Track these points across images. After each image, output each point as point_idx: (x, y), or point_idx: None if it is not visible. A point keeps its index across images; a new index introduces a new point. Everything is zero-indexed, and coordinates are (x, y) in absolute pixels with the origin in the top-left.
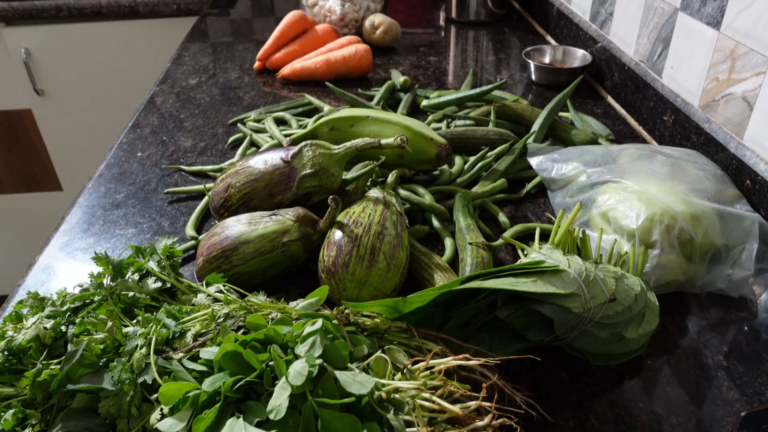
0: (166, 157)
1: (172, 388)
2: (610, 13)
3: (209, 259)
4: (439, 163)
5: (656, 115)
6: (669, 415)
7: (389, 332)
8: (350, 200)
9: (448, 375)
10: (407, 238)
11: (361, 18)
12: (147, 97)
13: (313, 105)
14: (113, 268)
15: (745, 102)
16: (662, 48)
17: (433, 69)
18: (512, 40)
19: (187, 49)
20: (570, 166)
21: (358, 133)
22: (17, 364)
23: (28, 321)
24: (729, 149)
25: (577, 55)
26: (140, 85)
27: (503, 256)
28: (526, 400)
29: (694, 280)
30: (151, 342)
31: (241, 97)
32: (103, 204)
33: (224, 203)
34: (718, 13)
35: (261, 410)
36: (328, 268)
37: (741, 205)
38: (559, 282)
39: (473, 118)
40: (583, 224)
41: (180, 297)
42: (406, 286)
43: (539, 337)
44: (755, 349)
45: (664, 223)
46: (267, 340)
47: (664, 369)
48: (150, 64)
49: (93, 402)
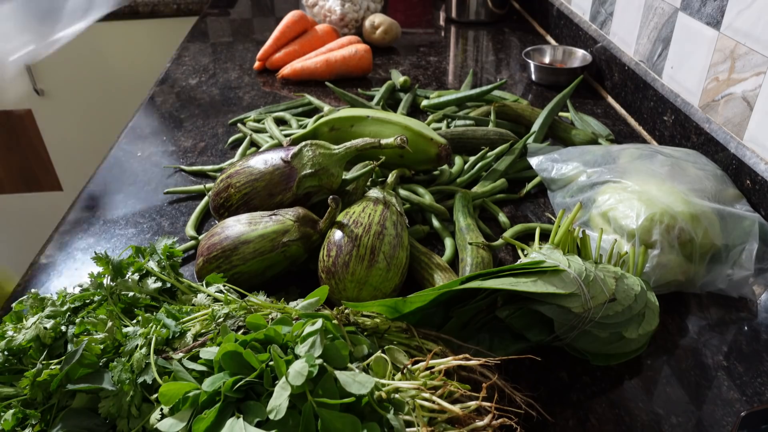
0: (166, 157)
1: (172, 388)
2: (610, 13)
3: (209, 259)
4: (439, 163)
5: (656, 115)
6: (669, 415)
7: (389, 332)
8: (350, 200)
9: (448, 375)
10: (407, 238)
11: (361, 18)
12: (147, 97)
13: (313, 105)
14: (113, 268)
15: (745, 102)
16: (662, 48)
17: (433, 69)
18: (512, 40)
19: (187, 49)
20: (570, 166)
21: (358, 133)
22: (17, 364)
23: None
24: (729, 149)
25: (577, 55)
26: (140, 85)
27: (503, 256)
28: (526, 400)
29: (694, 280)
30: (151, 342)
31: (241, 97)
32: (103, 204)
33: (224, 203)
34: (718, 13)
35: (261, 410)
36: (328, 268)
37: (741, 205)
38: (559, 282)
39: (473, 118)
40: (583, 224)
41: (180, 297)
42: (406, 286)
43: (539, 337)
44: (755, 349)
45: (664, 223)
46: (267, 340)
47: (664, 369)
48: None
49: (93, 402)
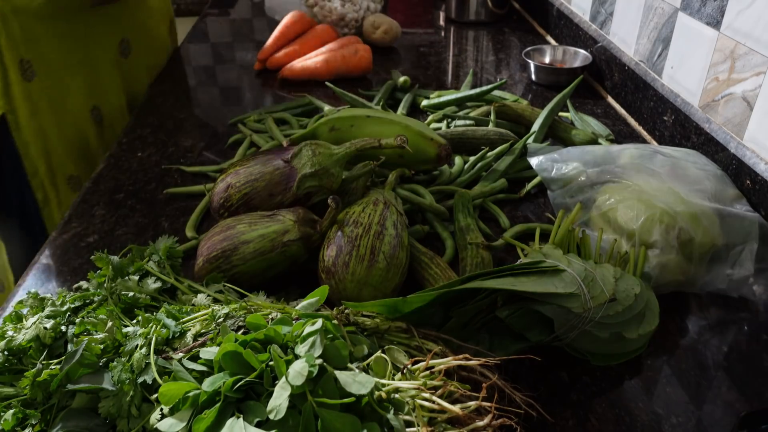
0: (166, 157)
1: (172, 388)
2: (610, 13)
3: (209, 259)
4: (439, 163)
5: (656, 115)
6: (669, 415)
7: (389, 332)
8: (350, 200)
9: (448, 375)
10: (407, 238)
11: (361, 18)
12: (147, 96)
13: (313, 105)
14: (113, 268)
15: (745, 102)
16: (662, 48)
17: (433, 69)
18: (512, 40)
19: (187, 49)
20: (570, 166)
21: (358, 133)
22: (17, 364)
23: (28, 321)
24: (729, 149)
25: (577, 55)
26: None
27: (503, 256)
28: (526, 400)
29: (694, 280)
30: (151, 342)
31: (241, 97)
32: (104, 204)
33: (224, 203)
34: (718, 13)
35: (261, 410)
36: (328, 268)
37: (741, 205)
38: (559, 282)
39: (473, 118)
40: (583, 224)
41: (180, 297)
42: (406, 286)
43: (539, 337)
44: (755, 349)
45: (664, 223)
46: (267, 340)
47: (664, 369)
48: None
49: (93, 402)
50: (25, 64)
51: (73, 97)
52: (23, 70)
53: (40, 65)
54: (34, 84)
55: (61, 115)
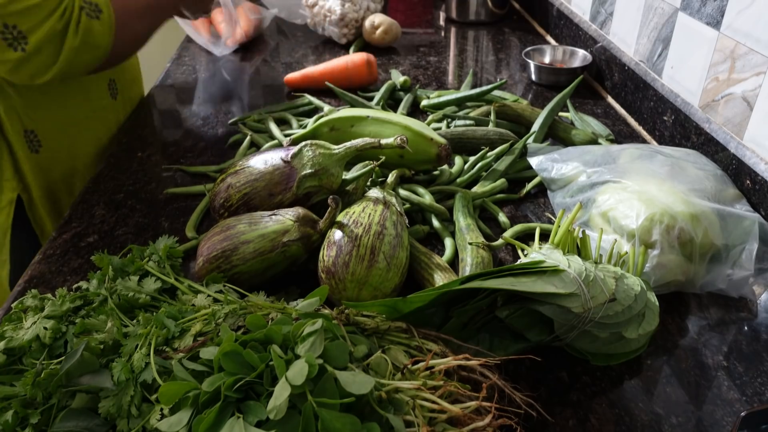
0: (166, 157)
1: (172, 388)
2: (610, 13)
3: (209, 259)
4: (439, 163)
5: (656, 115)
6: (669, 415)
7: (389, 332)
8: (350, 200)
9: (448, 375)
10: (407, 238)
11: (361, 18)
12: (146, 96)
13: (313, 105)
14: (113, 268)
15: (745, 102)
16: (662, 48)
17: (433, 69)
18: (512, 40)
19: (187, 49)
20: (570, 166)
21: (358, 133)
22: (17, 364)
23: (28, 321)
24: (729, 149)
25: (577, 55)
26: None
27: (503, 256)
28: (526, 400)
29: (694, 280)
30: (151, 342)
31: (241, 97)
32: (103, 204)
33: (224, 203)
34: (718, 13)
35: (261, 410)
36: (328, 268)
37: (741, 205)
38: (559, 282)
39: (473, 118)
40: (583, 224)
41: (180, 297)
42: (406, 286)
43: (539, 337)
44: (755, 349)
45: (664, 223)
46: (267, 340)
47: (664, 369)
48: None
49: (93, 402)
50: (30, 134)
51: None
52: (29, 142)
53: (44, 133)
54: (42, 155)
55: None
